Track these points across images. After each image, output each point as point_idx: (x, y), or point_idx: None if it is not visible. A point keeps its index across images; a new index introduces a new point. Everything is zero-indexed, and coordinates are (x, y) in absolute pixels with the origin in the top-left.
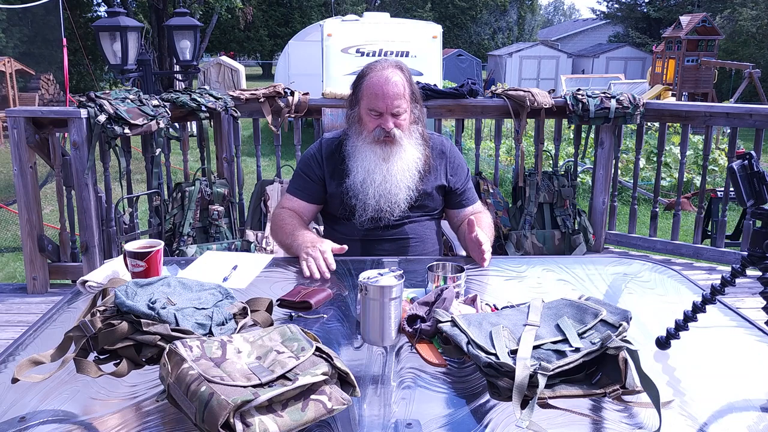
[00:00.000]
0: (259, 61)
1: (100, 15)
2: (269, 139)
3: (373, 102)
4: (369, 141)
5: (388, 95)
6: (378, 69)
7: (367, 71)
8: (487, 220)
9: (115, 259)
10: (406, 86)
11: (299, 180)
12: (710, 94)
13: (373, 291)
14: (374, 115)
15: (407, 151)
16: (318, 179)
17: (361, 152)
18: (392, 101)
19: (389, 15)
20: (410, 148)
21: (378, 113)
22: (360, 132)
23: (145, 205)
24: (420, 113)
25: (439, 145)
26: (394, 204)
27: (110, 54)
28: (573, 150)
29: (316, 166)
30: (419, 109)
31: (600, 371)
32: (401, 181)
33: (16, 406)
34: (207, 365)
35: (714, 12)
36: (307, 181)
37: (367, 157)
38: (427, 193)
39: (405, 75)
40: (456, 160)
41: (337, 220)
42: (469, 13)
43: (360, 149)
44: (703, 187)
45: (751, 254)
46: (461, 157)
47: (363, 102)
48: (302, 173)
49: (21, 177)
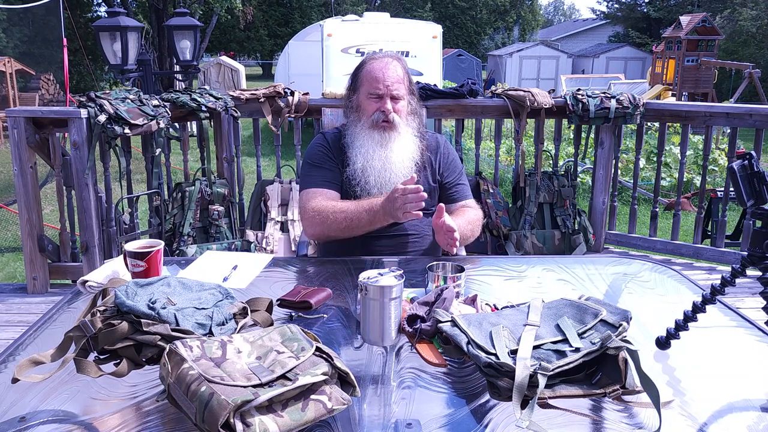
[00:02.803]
0: (259, 61)
1: (100, 15)
2: (269, 139)
3: (373, 85)
4: (367, 126)
5: (389, 78)
6: (377, 57)
7: (366, 60)
8: (471, 214)
9: (115, 259)
10: (405, 74)
11: (317, 171)
12: (710, 94)
13: (373, 291)
14: (374, 99)
15: (405, 139)
16: (334, 165)
17: (359, 139)
18: (392, 83)
19: (389, 15)
20: (408, 137)
21: (377, 96)
22: (359, 119)
23: (145, 205)
24: (417, 107)
25: (433, 141)
26: None
27: (110, 54)
28: (573, 150)
29: (329, 152)
30: (416, 103)
31: (600, 371)
32: (400, 169)
33: (16, 406)
34: (207, 365)
35: (714, 12)
36: (325, 170)
37: (365, 144)
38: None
39: (403, 65)
40: (449, 155)
41: None
42: (469, 13)
43: (358, 136)
44: (703, 187)
45: (751, 254)
46: (455, 153)
47: (362, 88)
48: (317, 164)
49: (21, 177)
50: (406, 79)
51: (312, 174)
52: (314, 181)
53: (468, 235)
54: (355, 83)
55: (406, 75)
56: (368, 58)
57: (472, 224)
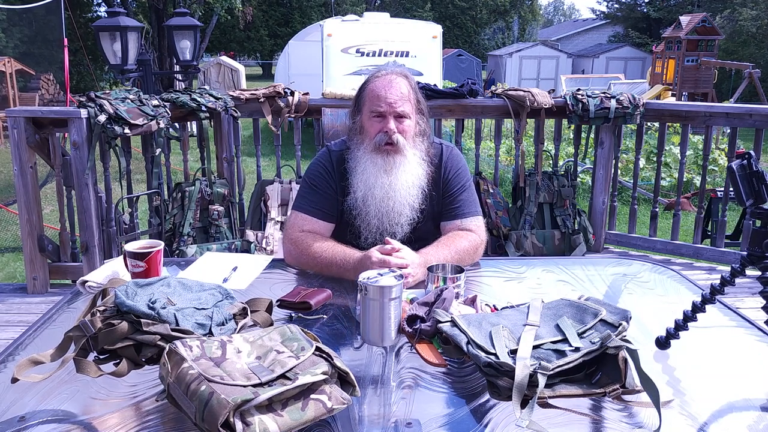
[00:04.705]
0: (259, 61)
1: (100, 15)
2: (269, 139)
3: (375, 104)
4: (370, 150)
5: (392, 96)
6: (381, 75)
7: (370, 78)
8: (464, 243)
9: (115, 259)
10: (411, 92)
11: (312, 195)
12: (710, 94)
13: (373, 291)
14: (376, 119)
15: (411, 163)
16: (332, 193)
17: (361, 164)
18: (395, 100)
19: (389, 15)
20: (414, 161)
21: (380, 115)
22: (361, 142)
23: (145, 205)
24: (426, 127)
25: (439, 152)
26: (396, 225)
27: (110, 54)
28: (573, 150)
29: (329, 177)
30: (425, 123)
31: (600, 371)
32: (405, 198)
33: (16, 406)
34: (207, 365)
35: (714, 12)
36: (320, 197)
37: (367, 169)
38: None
39: (410, 82)
40: (454, 166)
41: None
42: (469, 13)
43: (360, 161)
44: (703, 187)
45: (751, 254)
46: (462, 164)
47: (365, 108)
48: (315, 187)
49: (21, 177)
50: (412, 96)
51: (307, 196)
52: (306, 205)
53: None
54: (358, 104)
55: (413, 92)
56: (372, 77)
57: (461, 254)
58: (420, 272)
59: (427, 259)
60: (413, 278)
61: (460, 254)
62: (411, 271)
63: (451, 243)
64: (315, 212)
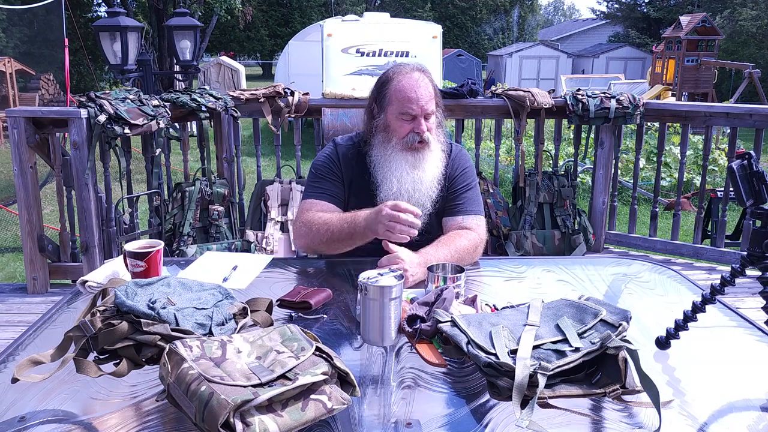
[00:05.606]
0: (259, 61)
1: (100, 15)
2: (269, 139)
3: (405, 105)
4: (399, 148)
5: (422, 97)
6: (405, 72)
7: (393, 75)
8: (464, 241)
9: (115, 259)
10: (434, 87)
11: (320, 182)
12: (710, 94)
13: (373, 291)
14: (406, 120)
15: (435, 156)
16: (339, 180)
17: (391, 161)
18: (426, 102)
19: (389, 15)
20: (437, 153)
21: (411, 117)
22: (389, 140)
23: (145, 205)
24: (442, 117)
25: (449, 150)
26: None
27: (110, 54)
28: (573, 150)
29: (335, 168)
30: (441, 113)
31: (600, 371)
32: (428, 190)
33: (16, 406)
34: (207, 365)
35: (714, 12)
36: (329, 183)
37: (399, 167)
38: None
39: (430, 77)
40: (461, 165)
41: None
42: (469, 13)
43: (390, 158)
44: (703, 187)
45: (751, 254)
46: (468, 164)
47: (391, 107)
48: (322, 176)
49: (21, 177)
50: (436, 91)
51: (314, 185)
52: (314, 192)
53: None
54: (381, 102)
55: (434, 87)
56: (394, 73)
57: (461, 253)
58: (420, 272)
59: (427, 258)
60: (413, 278)
61: (460, 253)
62: (410, 271)
63: (451, 242)
64: (324, 197)
